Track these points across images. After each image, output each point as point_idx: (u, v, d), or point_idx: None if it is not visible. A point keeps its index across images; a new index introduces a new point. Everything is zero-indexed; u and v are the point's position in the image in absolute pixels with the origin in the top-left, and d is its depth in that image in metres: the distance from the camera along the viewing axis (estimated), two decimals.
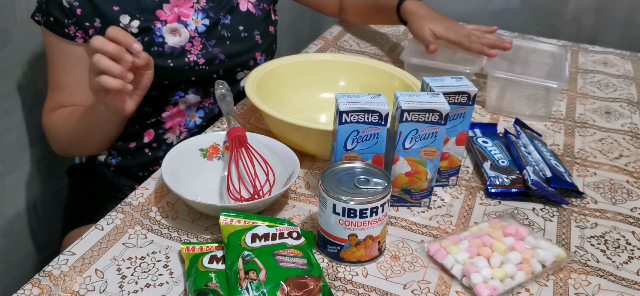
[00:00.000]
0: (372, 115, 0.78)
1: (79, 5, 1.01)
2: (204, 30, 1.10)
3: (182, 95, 1.12)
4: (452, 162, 0.90)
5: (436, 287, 0.73)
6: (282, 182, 0.85)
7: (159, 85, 1.08)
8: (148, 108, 1.12)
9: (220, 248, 0.74)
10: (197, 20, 1.10)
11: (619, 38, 1.70)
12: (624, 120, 1.16)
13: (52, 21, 1.02)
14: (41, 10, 1.04)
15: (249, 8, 1.17)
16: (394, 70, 1.09)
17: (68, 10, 1.01)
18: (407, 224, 0.84)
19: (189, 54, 1.09)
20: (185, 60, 1.08)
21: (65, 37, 1.03)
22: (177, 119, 1.14)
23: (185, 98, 1.12)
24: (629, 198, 0.92)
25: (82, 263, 0.74)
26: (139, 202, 0.85)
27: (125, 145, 1.15)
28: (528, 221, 0.86)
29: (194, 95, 1.13)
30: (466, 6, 1.80)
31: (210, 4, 1.12)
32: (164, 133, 1.14)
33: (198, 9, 1.10)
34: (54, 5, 1.01)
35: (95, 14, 1.02)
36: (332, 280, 0.74)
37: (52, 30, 1.03)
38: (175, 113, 1.14)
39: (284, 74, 1.09)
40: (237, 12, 1.15)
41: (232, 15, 1.14)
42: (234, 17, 1.14)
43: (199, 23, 1.10)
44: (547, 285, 0.74)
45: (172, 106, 1.13)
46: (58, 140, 1.12)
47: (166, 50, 1.07)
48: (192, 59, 1.09)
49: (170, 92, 1.11)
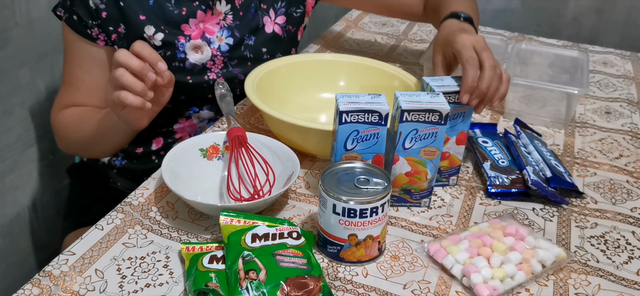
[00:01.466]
0: (372, 115, 0.78)
1: (105, 8, 1.00)
2: (227, 49, 1.09)
3: (197, 110, 1.12)
4: (453, 161, 0.90)
5: (436, 287, 0.73)
6: (282, 182, 0.85)
7: (176, 100, 1.07)
8: (161, 119, 1.11)
9: (220, 248, 0.74)
10: (221, 38, 1.09)
11: (619, 38, 1.70)
12: (624, 120, 1.16)
13: (76, 20, 1.01)
14: (65, 6, 1.01)
15: (275, 30, 1.15)
16: (394, 70, 1.09)
17: (93, 12, 1.00)
18: (407, 224, 0.84)
19: (209, 72, 1.08)
20: (205, 78, 1.08)
21: (87, 37, 1.02)
22: (188, 130, 1.14)
23: (199, 114, 1.12)
24: (629, 198, 0.92)
25: (82, 263, 0.74)
26: (139, 202, 0.85)
27: (132, 149, 1.15)
28: (528, 221, 0.86)
29: (208, 112, 1.12)
30: None
31: (236, 22, 1.10)
32: (173, 143, 1.14)
33: (224, 26, 1.09)
34: (79, 4, 1.00)
35: (120, 19, 1.01)
36: (332, 280, 0.74)
37: (75, 29, 1.01)
38: (187, 125, 1.13)
39: (284, 74, 1.09)
40: (262, 34, 1.13)
41: (257, 36, 1.13)
42: (258, 39, 1.13)
43: (222, 42, 1.09)
44: (547, 285, 0.74)
45: (185, 119, 1.12)
46: (65, 140, 1.11)
47: (187, 66, 1.06)
48: (211, 76, 1.08)
49: (185, 106, 1.10)
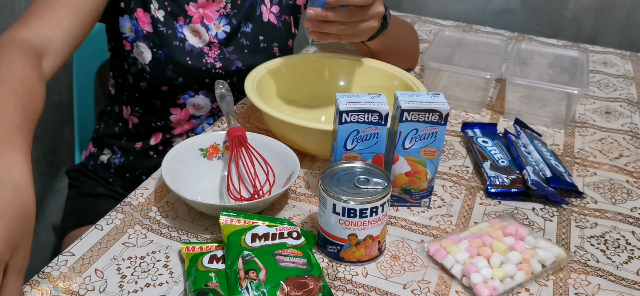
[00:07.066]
0: (372, 115, 0.78)
1: None
2: (224, 37, 1.10)
3: (193, 95, 1.11)
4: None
5: (436, 287, 0.73)
6: (282, 182, 0.85)
7: (173, 82, 1.08)
8: (156, 103, 1.11)
9: (220, 247, 0.74)
10: (219, 26, 1.10)
11: (619, 38, 1.70)
12: (624, 120, 1.16)
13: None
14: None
15: (270, 19, 1.15)
16: (394, 70, 1.09)
17: None
18: (407, 224, 0.84)
19: (207, 57, 1.09)
20: (203, 61, 1.08)
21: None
22: (186, 126, 1.14)
23: (194, 100, 1.12)
24: (629, 198, 0.92)
25: (81, 263, 0.74)
26: (139, 202, 0.85)
27: (130, 145, 1.15)
28: (528, 221, 0.86)
29: (204, 98, 1.12)
30: (466, 6, 1.80)
31: (234, 11, 1.11)
32: (172, 138, 1.14)
33: (223, 14, 1.10)
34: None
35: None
36: (332, 280, 0.74)
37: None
38: (183, 118, 1.13)
39: (284, 74, 1.09)
40: (258, 21, 1.14)
41: (253, 24, 1.13)
42: (255, 26, 1.13)
43: (220, 29, 1.10)
44: (547, 285, 0.74)
45: (179, 109, 1.12)
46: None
47: (186, 48, 1.07)
48: (209, 61, 1.09)
49: (181, 90, 1.10)
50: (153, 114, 1.13)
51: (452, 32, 1.36)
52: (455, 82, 1.17)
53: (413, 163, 0.83)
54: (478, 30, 1.56)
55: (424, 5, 1.83)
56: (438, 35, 1.30)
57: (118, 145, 1.16)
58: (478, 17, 1.77)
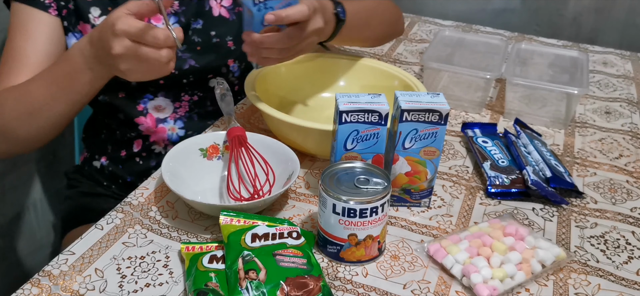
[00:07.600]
0: (372, 115, 0.78)
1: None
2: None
3: (152, 97, 1.09)
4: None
5: (436, 287, 0.73)
6: (282, 182, 0.85)
7: (128, 86, 1.06)
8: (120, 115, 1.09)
9: (220, 247, 0.74)
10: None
11: (619, 38, 1.70)
12: (624, 120, 1.16)
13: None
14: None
15: (221, 13, 1.11)
16: (394, 70, 1.09)
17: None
18: (407, 224, 0.84)
19: None
20: None
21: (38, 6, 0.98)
22: (159, 134, 1.12)
23: (154, 103, 1.10)
24: (629, 198, 0.92)
25: (81, 262, 0.74)
26: (139, 202, 0.85)
27: (116, 154, 1.14)
28: (528, 221, 0.86)
29: (164, 99, 1.10)
30: (466, 6, 1.80)
31: (182, 8, 1.07)
32: (151, 145, 1.13)
33: (170, 12, 1.06)
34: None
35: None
36: (332, 280, 0.74)
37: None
38: (151, 125, 1.11)
39: (284, 74, 1.09)
40: (208, 17, 1.10)
41: (204, 20, 1.10)
42: (206, 22, 1.10)
43: None
44: (547, 285, 0.74)
45: (143, 117, 1.10)
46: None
47: None
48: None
49: (139, 93, 1.08)
50: (125, 124, 1.11)
51: (452, 32, 1.36)
52: (455, 82, 1.17)
53: (413, 163, 0.83)
54: (478, 30, 1.56)
55: (423, 5, 1.83)
56: (438, 35, 1.30)
57: (106, 153, 1.16)
58: (478, 17, 1.77)
